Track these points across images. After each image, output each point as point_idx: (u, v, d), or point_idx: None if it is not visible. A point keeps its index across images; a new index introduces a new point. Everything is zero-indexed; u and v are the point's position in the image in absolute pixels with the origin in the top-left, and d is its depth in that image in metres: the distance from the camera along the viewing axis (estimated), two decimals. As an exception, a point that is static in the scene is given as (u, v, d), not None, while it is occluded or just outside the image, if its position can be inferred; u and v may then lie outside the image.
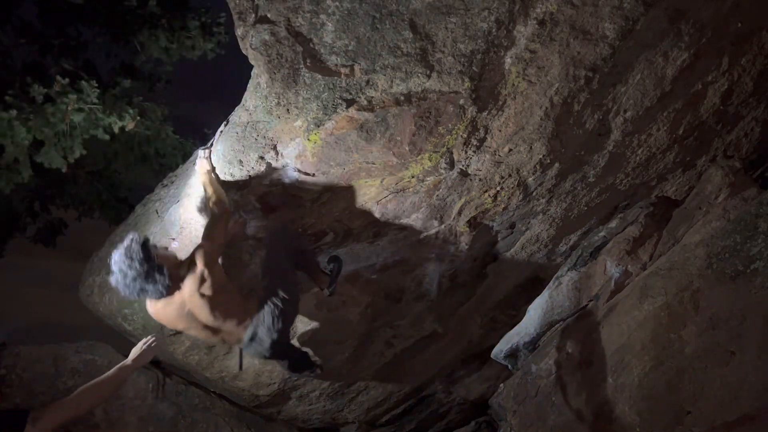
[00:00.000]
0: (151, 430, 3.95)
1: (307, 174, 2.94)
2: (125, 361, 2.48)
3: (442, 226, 3.52)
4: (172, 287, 2.58)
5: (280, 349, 2.97)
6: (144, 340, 2.60)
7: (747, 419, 2.54)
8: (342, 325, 4.02)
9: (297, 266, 3.12)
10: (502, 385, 5.09)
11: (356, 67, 2.59)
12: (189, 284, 2.63)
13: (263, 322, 2.79)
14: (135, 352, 2.56)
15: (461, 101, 2.73)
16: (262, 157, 2.90)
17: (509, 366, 4.96)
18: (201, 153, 2.96)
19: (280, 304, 2.81)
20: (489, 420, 5.36)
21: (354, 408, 4.95)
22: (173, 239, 3.34)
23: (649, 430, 2.99)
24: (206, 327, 2.79)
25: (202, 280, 2.63)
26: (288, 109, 2.69)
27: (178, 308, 2.67)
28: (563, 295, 4.35)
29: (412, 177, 3.04)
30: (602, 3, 2.58)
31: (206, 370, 4.06)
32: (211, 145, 2.97)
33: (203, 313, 2.70)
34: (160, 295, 2.57)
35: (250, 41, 2.60)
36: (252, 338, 2.82)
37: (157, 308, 2.70)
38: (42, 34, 6.06)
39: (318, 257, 3.42)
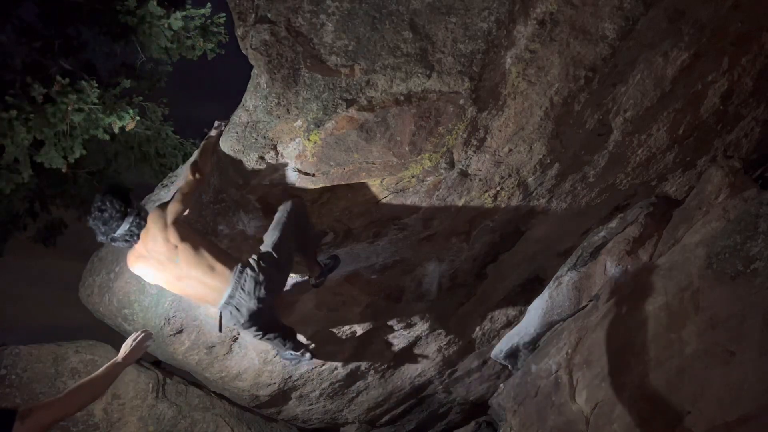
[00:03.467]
0: (151, 430, 3.95)
1: (307, 174, 2.93)
2: (116, 358, 2.39)
3: (442, 226, 3.52)
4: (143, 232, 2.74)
5: (259, 321, 2.88)
6: (133, 335, 2.51)
7: (747, 419, 2.54)
8: (342, 324, 4.02)
9: (298, 248, 3.11)
10: (502, 385, 5.09)
11: (356, 67, 2.59)
12: (160, 233, 2.72)
13: (243, 287, 2.73)
14: (125, 348, 2.46)
15: (461, 101, 2.73)
16: (262, 157, 2.90)
17: (509, 366, 4.96)
18: (216, 123, 3.03)
19: (268, 271, 2.77)
20: (489, 420, 5.36)
21: (354, 408, 4.95)
22: None
23: (649, 430, 2.99)
24: (182, 278, 2.77)
25: (170, 231, 2.72)
26: (288, 109, 2.69)
27: (155, 256, 2.75)
28: (563, 295, 4.36)
29: (412, 177, 3.04)
30: (602, 3, 2.58)
31: (206, 370, 4.06)
32: (226, 124, 2.98)
33: (177, 258, 2.75)
34: (132, 235, 2.73)
35: (250, 41, 2.60)
36: (228, 301, 2.75)
37: (135, 257, 2.80)
38: (42, 34, 6.07)
39: (319, 252, 3.42)
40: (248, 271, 2.75)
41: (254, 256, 2.81)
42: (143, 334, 2.54)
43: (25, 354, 3.86)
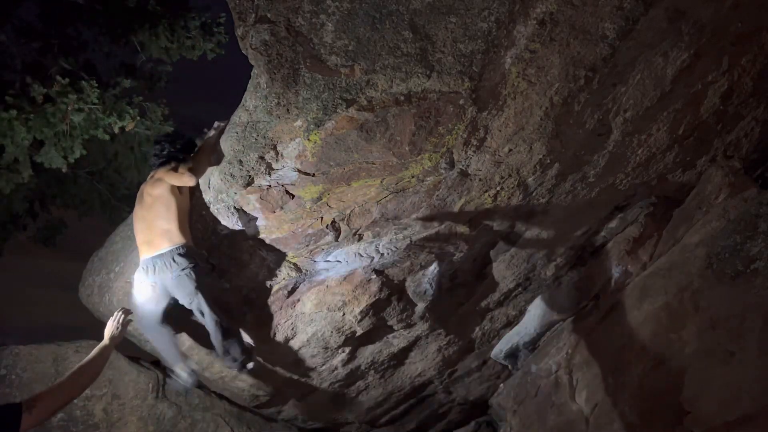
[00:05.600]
0: (151, 430, 3.95)
1: (307, 174, 2.94)
2: (103, 341, 2.54)
3: (442, 226, 3.52)
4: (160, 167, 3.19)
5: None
6: (113, 316, 2.66)
7: (747, 419, 2.54)
8: (342, 324, 4.01)
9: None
10: (502, 385, 5.10)
11: (356, 67, 2.59)
12: (153, 187, 3.16)
13: (158, 265, 3.07)
14: (108, 330, 2.61)
15: (461, 101, 2.72)
16: (262, 157, 2.90)
17: (509, 366, 4.96)
18: (216, 123, 3.20)
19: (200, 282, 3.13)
20: (489, 420, 5.36)
21: (354, 408, 4.95)
22: None
23: (649, 430, 2.99)
24: (143, 217, 3.18)
25: (152, 192, 3.15)
26: (288, 109, 2.69)
27: (148, 190, 3.18)
28: (563, 295, 4.36)
29: (412, 177, 3.04)
30: (602, 3, 2.58)
31: (206, 370, 4.06)
32: (226, 124, 3.05)
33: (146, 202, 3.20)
34: (159, 160, 3.23)
35: (250, 41, 2.60)
36: (161, 260, 3.08)
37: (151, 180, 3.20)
38: (42, 34, 6.06)
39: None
40: (169, 259, 3.04)
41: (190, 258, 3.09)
42: (122, 312, 2.69)
43: (25, 354, 3.86)
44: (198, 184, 3.18)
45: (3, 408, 1.93)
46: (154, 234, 3.10)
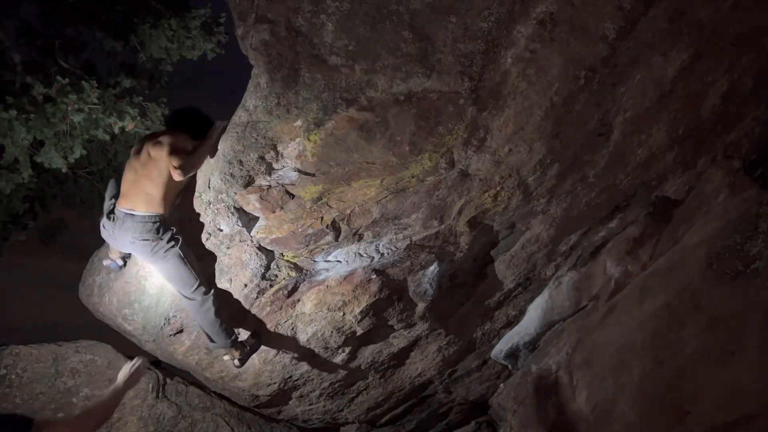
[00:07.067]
0: (151, 430, 3.95)
1: (307, 174, 2.94)
2: (117, 384, 2.59)
3: (442, 226, 3.52)
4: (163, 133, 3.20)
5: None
6: (131, 363, 2.70)
7: (747, 419, 2.54)
8: (342, 324, 4.02)
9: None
10: (502, 385, 5.10)
11: (356, 67, 2.59)
12: (154, 148, 3.11)
13: (134, 225, 3.07)
14: (123, 374, 2.65)
15: (461, 101, 2.73)
16: (262, 157, 2.90)
17: (509, 366, 4.96)
18: (217, 123, 3.16)
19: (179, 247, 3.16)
20: (489, 420, 5.36)
21: (354, 408, 4.95)
22: None
23: (649, 430, 2.99)
24: (134, 169, 3.14)
25: (150, 151, 3.10)
26: (288, 109, 2.69)
27: (148, 147, 3.14)
28: (563, 295, 4.36)
29: (412, 177, 3.04)
30: (602, 3, 2.58)
31: (206, 370, 4.06)
32: (227, 124, 3.04)
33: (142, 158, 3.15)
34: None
35: (250, 41, 2.60)
36: (122, 216, 3.09)
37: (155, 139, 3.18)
38: (42, 34, 6.06)
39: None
40: (139, 223, 3.05)
41: (169, 228, 3.13)
42: (139, 362, 2.72)
43: (25, 354, 3.86)
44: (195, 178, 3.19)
45: (16, 417, 2.00)
46: (137, 191, 3.09)
